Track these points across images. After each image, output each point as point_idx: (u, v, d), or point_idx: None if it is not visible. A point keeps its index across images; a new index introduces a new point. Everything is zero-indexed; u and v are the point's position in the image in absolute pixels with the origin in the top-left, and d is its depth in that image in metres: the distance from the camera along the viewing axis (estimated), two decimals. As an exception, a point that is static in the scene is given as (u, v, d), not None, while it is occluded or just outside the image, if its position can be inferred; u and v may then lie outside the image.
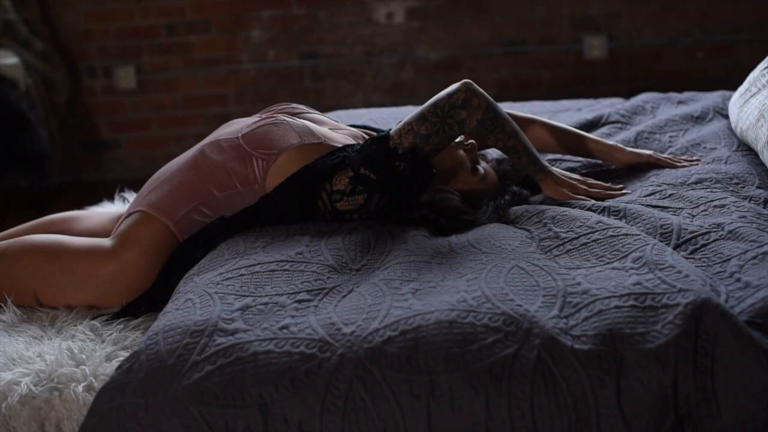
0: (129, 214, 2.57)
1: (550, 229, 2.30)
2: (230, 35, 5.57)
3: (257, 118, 2.70)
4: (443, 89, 5.37)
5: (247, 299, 2.06)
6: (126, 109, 5.71)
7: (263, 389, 1.84)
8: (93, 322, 2.42)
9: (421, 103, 3.90)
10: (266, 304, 2.04)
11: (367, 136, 2.77)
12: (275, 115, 2.71)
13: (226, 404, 1.83)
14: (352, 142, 2.66)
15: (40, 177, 5.02)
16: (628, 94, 4.53)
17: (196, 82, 5.65)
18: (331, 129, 2.73)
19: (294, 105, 2.82)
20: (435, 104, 2.49)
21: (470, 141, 2.63)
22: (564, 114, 3.28)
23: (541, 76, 5.57)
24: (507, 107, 3.41)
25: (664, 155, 2.77)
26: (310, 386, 1.83)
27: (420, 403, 1.80)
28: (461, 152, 2.61)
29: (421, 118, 2.49)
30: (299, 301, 2.04)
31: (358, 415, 1.81)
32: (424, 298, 1.98)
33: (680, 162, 2.72)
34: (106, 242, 2.52)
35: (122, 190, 3.30)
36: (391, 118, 3.29)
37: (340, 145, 2.59)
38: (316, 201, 2.48)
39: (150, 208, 2.54)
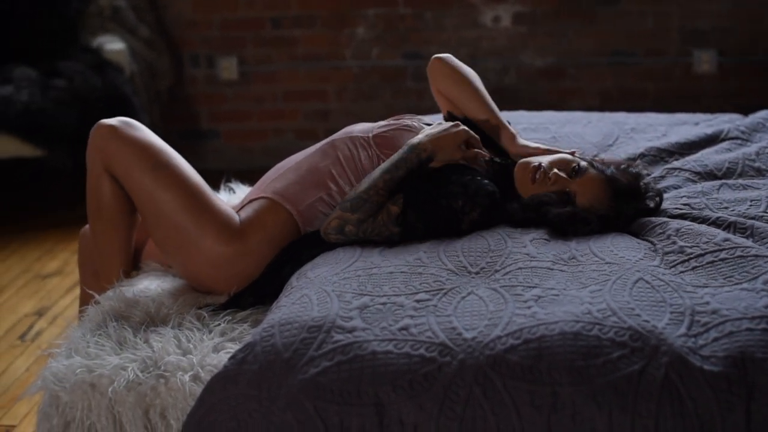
0: (251, 200, 2.55)
1: (674, 243, 2.23)
2: (335, 31, 5.55)
3: (387, 122, 2.70)
4: (546, 97, 5.26)
5: (364, 298, 2.02)
6: (226, 100, 5.73)
7: (380, 389, 1.80)
8: (200, 311, 2.41)
9: (522, 109, 3.87)
10: (384, 303, 2.00)
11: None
12: (407, 121, 2.69)
13: (342, 401, 1.81)
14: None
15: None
16: (735, 111, 4.41)
17: (298, 77, 5.64)
18: None
19: (419, 117, 2.78)
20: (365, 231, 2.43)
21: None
22: (681, 127, 3.20)
23: (647, 88, 5.47)
24: (597, 117, 3.34)
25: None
26: (429, 390, 1.79)
27: (541, 415, 1.75)
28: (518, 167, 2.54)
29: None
30: (418, 301, 2.01)
31: (476, 422, 1.77)
32: (547, 306, 1.93)
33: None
34: (236, 221, 2.49)
35: (228, 181, 3.28)
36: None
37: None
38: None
39: (275, 194, 2.52)
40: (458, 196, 2.41)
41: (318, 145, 2.64)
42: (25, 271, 4.34)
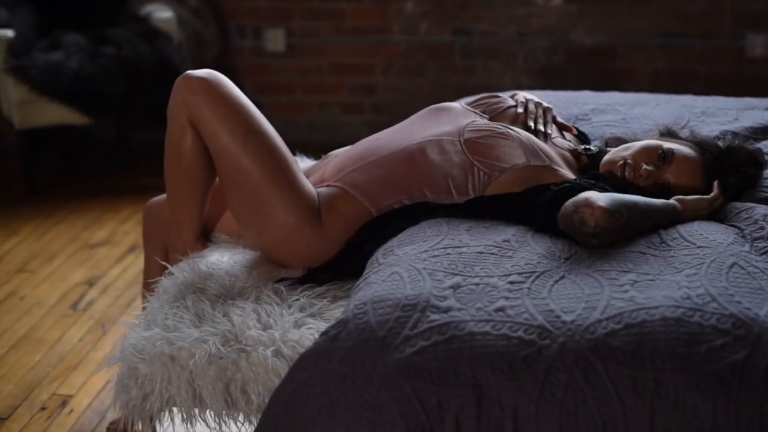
0: (328, 185, 2.50)
1: (762, 228, 2.20)
2: (383, 5, 5.51)
3: (477, 119, 2.59)
4: (593, 77, 5.13)
5: (457, 278, 2.00)
6: (272, 72, 5.70)
7: (479, 371, 1.78)
8: (277, 285, 2.38)
9: (570, 89, 3.81)
10: (477, 284, 1.97)
11: (574, 144, 2.68)
12: (504, 126, 2.52)
13: (440, 382, 1.78)
14: (569, 163, 2.56)
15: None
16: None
17: (345, 50, 5.60)
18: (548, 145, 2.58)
19: (499, 95, 2.72)
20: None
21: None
22: (751, 112, 3.16)
23: (697, 71, 5.41)
24: (665, 99, 3.29)
25: None
26: (529, 372, 1.77)
27: (643, 401, 1.73)
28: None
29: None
30: (511, 283, 1.98)
31: (576, 407, 1.74)
32: (644, 291, 1.91)
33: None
34: (317, 203, 2.44)
35: (293, 153, 3.23)
36: (570, 102, 3.20)
37: (562, 171, 2.43)
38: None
39: (354, 189, 2.45)
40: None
41: (404, 141, 2.51)
42: (73, 240, 4.34)
